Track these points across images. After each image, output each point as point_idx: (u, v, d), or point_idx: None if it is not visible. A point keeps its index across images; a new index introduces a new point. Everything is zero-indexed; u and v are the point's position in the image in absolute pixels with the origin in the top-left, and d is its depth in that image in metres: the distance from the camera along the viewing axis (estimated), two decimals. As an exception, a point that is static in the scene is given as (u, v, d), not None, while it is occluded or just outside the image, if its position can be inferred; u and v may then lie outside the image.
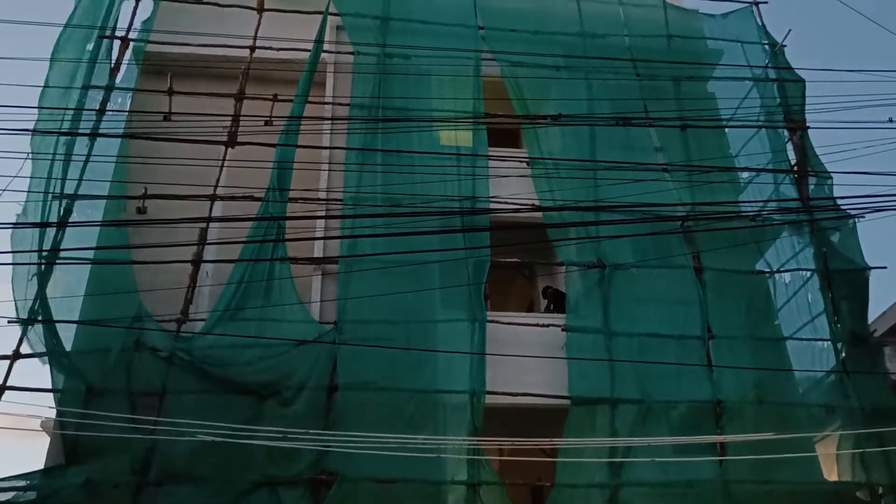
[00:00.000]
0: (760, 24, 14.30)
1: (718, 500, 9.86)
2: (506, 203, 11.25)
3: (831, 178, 12.16)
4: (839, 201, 11.51)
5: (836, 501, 10.22)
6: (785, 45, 13.82)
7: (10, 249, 9.86)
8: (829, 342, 11.33)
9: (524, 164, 12.34)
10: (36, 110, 11.04)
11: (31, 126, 10.57)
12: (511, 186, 11.58)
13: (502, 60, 13.13)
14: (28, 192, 10.50)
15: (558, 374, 10.53)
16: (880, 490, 10.27)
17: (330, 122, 12.11)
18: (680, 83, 13.49)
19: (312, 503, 9.24)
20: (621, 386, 10.44)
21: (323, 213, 11.23)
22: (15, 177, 9.65)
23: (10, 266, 10.13)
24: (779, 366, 11.20)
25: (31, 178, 10.64)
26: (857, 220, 11.28)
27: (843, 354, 11.14)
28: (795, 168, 12.55)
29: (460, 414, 9.98)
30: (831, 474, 10.54)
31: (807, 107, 12.98)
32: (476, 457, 9.67)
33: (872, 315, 11.76)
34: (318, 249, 11.19)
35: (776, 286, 12.15)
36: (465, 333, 10.55)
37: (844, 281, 11.60)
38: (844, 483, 10.35)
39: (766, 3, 14.57)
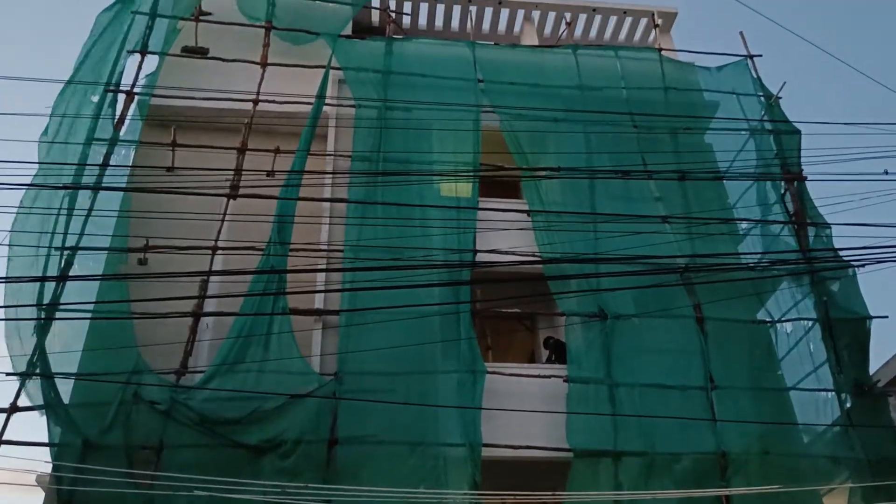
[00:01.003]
0: (756, 76, 14.55)
1: (725, 555, 9.69)
2: (506, 255, 11.27)
3: (830, 228, 12.23)
4: (840, 251, 11.56)
5: (845, 556, 10.04)
6: (780, 98, 14.04)
7: (9, 304, 9.84)
8: (833, 393, 11.25)
9: (524, 216, 12.41)
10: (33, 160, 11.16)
11: (29, 179, 10.67)
12: (511, 238, 11.63)
13: (502, 113, 13.33)
14: (20, 245, 10.54)
15: (561, 425, 10.43)
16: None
17: (332, 175, 12.21)
18: (677, 135, 13.68)
19: (312, 560, 9.06)
20: (624, 438, 10.33)
21: (324, 266, 11.25)
22: (12, 231, 9.68)
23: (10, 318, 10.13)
24: (783, 416, 11.10)
25: (24, 232, 10.70)
26: (857, 270, 11.29)
27: (848, 405, 11.04)
28: (794, 218, 12.61)
29: (461, 467, 9.86)
30: (838, 528, 10.37)
31: (803, 158, 13.13)
32: (477, 511, 9.53)
33: (875, 365, 11.72)
34: (318, 301, 11.20)
35: (778, 336, 12.10)
36: (465, 385, 10.47)
37: (846, 330, 11.58)
38: (852, 537, 10.18)
39: (760, 56, 14.85)
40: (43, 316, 9.83)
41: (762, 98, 14.22)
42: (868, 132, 10.95)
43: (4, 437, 9.17)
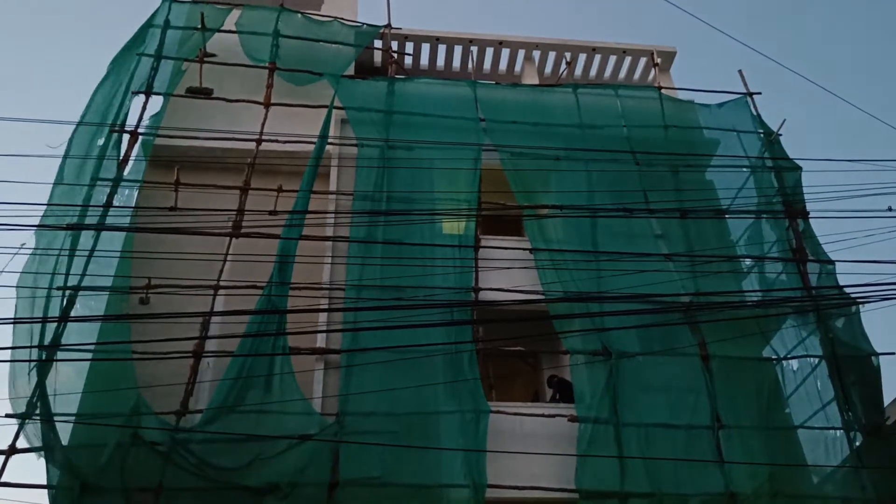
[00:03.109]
0: (755, 114, 14.64)
1: None
2: (509, 293, 11.23)
3: (833, 265, 12.19)
4: (845, 289, 11.52)
5: None
6: (780, 135, 14.11)
7: (10, 346, 9.81)
8: (842, 431, 11.10)
9: (527, 255, 12.38)
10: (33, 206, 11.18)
11: (32, 220, 10.68)
12: (514, 277, 11.60)
13: (503, 152, 13.39)
14: (23, 287, 10.53)
15: (566, 465, 10.27)
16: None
17: (334, 214, 12.23)
18: (678, 172, 13.71)
19: None
20: (631, 479, 10.17)
21: (326, 306, 11.21)
22: (8, 271, 9.68)
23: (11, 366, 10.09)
24: (791, 455, 10.95)
25: (22, 272, 10.70)
26: (862, 306, 11.22)
27: (857, 443, 10.89)
28: (797, 255, 12.58)
29: (465, 509, 9.70)
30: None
31: (806, 195, 13.14)
32: (483, 555, 9.34)
33: (885, 402, 11.56)
34: (320, 341, 11.13)
35: (784, 373, 11.98)
36: (469, 425, 10.36)
37: (853, 368, 11.47)
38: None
39: (759, 94, 14.97)
40: (43, 357, 9.77)
41: (762, 135, 14.30)
42: (870, 168, 10.99)
43: (3, 479, 9.07)
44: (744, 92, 14.99)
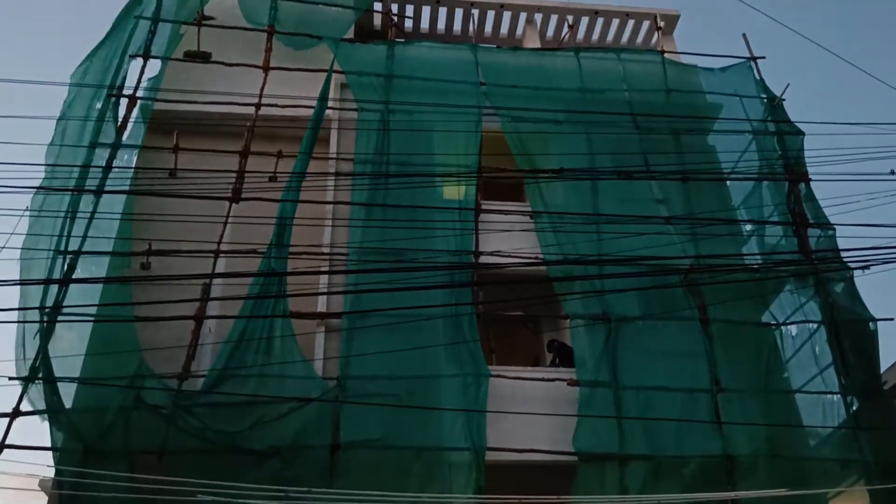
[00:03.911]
0: (759, 78, 14.51)
1: (732, 559, 9.61)
2: (510, 257, 11.23)
3: (834, 229, 12.17)
4: (844, 253, 11.52)
5: (852, 560, 9.96)
6: (784, 99, 14.00)
7: (13, 307, 9.82)
8: (840, 395, 11.18)
9: (528, 219, 12.37)
10: (34, 167, 11.14)
11: (33, 183, 10.67)
12: (515, 240, 11.60)
13: (504, 116, 13.30)
14: (25, 248, 10.52)
15: (565, 428, 10.36)
16: (896, 547, 10.00)
17: (334, 177, 12.19)
18: (680, 137, 13.63)
19: (315, 565, 9.00)
20: (630, 441, 10.26)
21: (326, 269, 11.22)
22: (12, 234, 9.66)
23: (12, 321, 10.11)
24: (789, 419, 11.04)
25: (28, 234, 10.68)
26: (863, 271, 11.22)
27: (855, 407, 10.97)
28: (797, 219, 12.55)
29: (465, 472, 9.79)
30: (846, 531, 10.29)
31: (808, 159, 13.08)
32: (482, 515, 9.45)
33: (882, 367, 11.63)
34: (321, 304, 11.16)
35: (783, 338, 12.04)
36: (469, 389, 10.42)
37: (851, 333, 11.51)
38: (860, 541, 10.10)
39: (763, 58, 14.81)
40: (45, 320, 9.80)
41: (765, 100, 14.18)
42: (873, 132, 10.91)
43: (7, 442, 9.15)
44: (747, 56, 14.84)
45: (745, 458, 10.27)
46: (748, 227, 13.09)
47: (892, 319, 11.67)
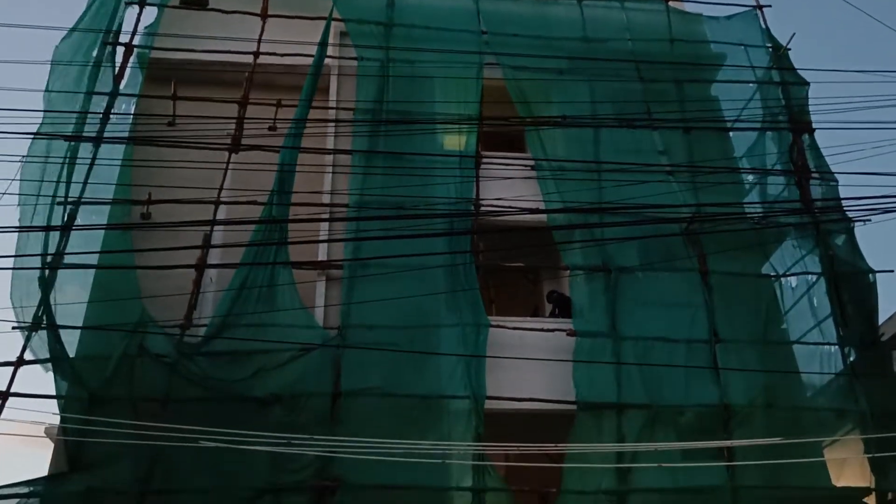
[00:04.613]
0: (764, 27, 14.27)
1: (726, 506, 9.76)
2: (511, 205, 11.19)
3: (836, 180, 12.11)
4: (844, 203, 11.47)
5: (845, 508, 10.12)
6: (789, 49, 13.79)
7: (13, 254, 9.82)
8: (837, 346, 11.24)
9: (529, 171, 12.30)
10: (34, 113, 11.05)
11: (30, 129, 10.57)
12: (515, 189, 11.55)
13: (505, 65, 13.12)
14: (25, 194, 10.48)
15: (564, 379, 10.45)
16: (889, 496, 10.15)
17: (334, 125, 12.09)
18: (683, 86, 13.47)
19: (317, 510, 9.18)
20: (628, 391, 10.36)
21: (327, 216, 11.21)
22: (14, 180, 9.60)
23: (13, 272, 10.13)
24: (787, 369, 11.10)
25: (23, 180, 10.63)
26: (864, 222, 11.20)
27: (852, 358, 11.04)
28: (798, 171, 12.47)
29: (464, 419, 9.91)
30: (839, 480, 10.43)
31: (813, 108, 12.94)
32: (481, 462, 9.59)
33: (880, 319, 11.68)
34: (321, 253, 11.16)
35: (783, 290, 12.06)
36: (469, 338, 10.49)
37: (851, 285, 11.53)
38: (853, 489, 10.25)
39: (769, 6, 14.55)
40: (47, 268, 9.82)
41: (770, 49, 13.97)
42: (880, 80, 10.76)
43: (12, 390, 9.25)
44: (753, 4, 14.57)
45: (742, 407, 10.38)
46: (750, 178, 13.01)
47: (891, 271, 11.69)
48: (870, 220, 11.26)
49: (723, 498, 9.76)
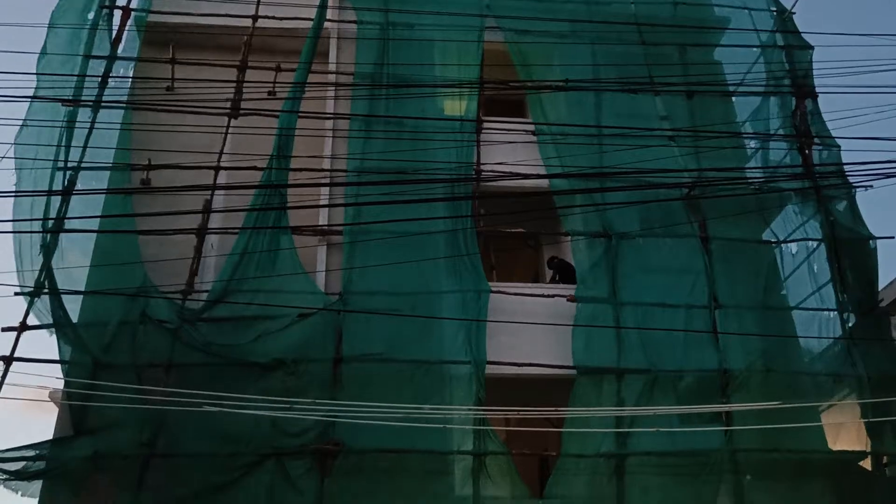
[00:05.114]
0: (769, -10, 14.06)
1: (724, 469, 9.87)
2: (511, 171, 11.14)
3: (838, 145, 12.04)
4: (846, 169, 11.42)
5: (841, 471, 10.24)
6: (794, 13, 13.61)
7: (14, 219, 9.81)
8: (836, 312, 11.28)
9: (530, 136, 12.21)
10: (31, 77, 10.94)
11: (27, 94, 10.48)
12: (517, 154, 11.50)
13: (507, 28, 12.98)
14: (22, 158, 10.42)
15: (564, 344, 10.52)
16: (885, 459, 10.28)
17: (334, 88, 12.00)
18: (686, 51, 13.33)
19: (319, 474, 9.28)
20: (628, 356, 10.43)
21: (327, 181, 11.18)
22: (13, 144, 9.54)
23: (15, 239, 10.12)
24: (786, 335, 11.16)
25: (19, 144, 10.56)
26: (866, 188, 11.17)
27: (851, 324, 11.09)
28: (801, 136, 12.39)
29: (465, 384, 10.00)
30: (836, 444, 10.55)
31: (816, 72, 12.82)
32: (482, 427, 9.69)
33: (880, 285, 11.71)
34: (322, 218, 11.15)
35: (783, 256, 12.07)
36: (469, 304, 10.53)
37: (851, 251, 11.54)
38: (849, 452, 10.37)
39: (774, -32, 14.31)
40: (49, 233, 9.82)
41: (774, 13, 13.79)
42: (886, 44, 10.65)
43: (16, 355, 9.31)
44: (758, -33, 14.33)
45: (740, 372, 10.45)
46: (752, 143, 12.94)
47: (892, 238, 11.69)
48: (871, 186, 11.30)
49: (720, 461, 9.87)
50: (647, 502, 9.70)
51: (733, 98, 13.30)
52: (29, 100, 10.52)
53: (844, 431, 10.71)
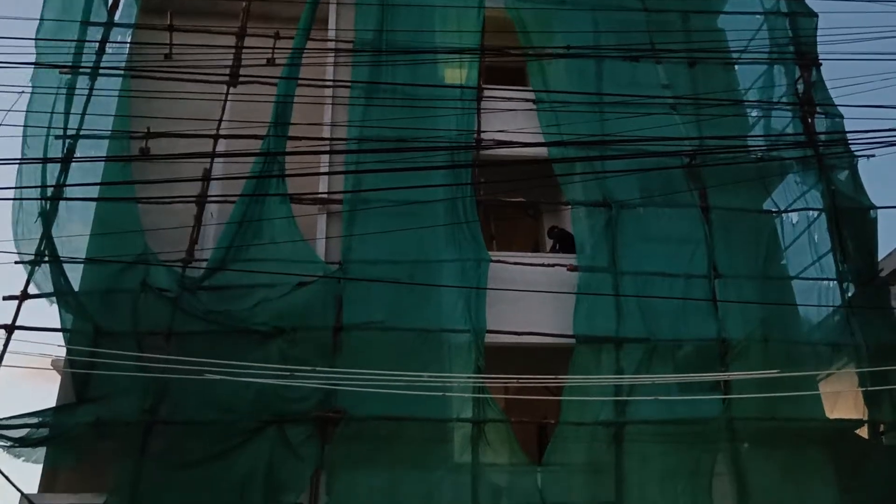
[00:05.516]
0: (773, -46, 13.85)
1: (722, 437, 9.95)
2: (512, 138, 11.09)
3: (841, 115, 11.95)
4: (848, 137, 11.35)
5: (838, 439, 10.31)
6: (798, -21, 13.42)
7: (14, 186, 9.78)
8: (836, 282, 11.28)
9: (531, 105, 12.12)
10: (28, 43, 10.84)
11: (23, 60, 10.37)
12: (517, 123, 11.43)
13: (508, -6, 12.84)
14: (19, 126, 10.38)
15: (564, 313, 10.54)
16: (881, 427, 10.35)
17: (333, 55, 11.90)
18: (688, 18, 13.18)
19: (319, 441, 9.36)
20: (627, 325, 10.45)
21: (327, 149, 11.13)
22: (10, 110, 9.47)
23: (14, 208, 10.10)
24: (785, 306, 11.17)
25: (14, 111, 10.50)
26: (868, 157, 11.11)
27: (850, 293, 11.10)
28: (803, 105, 12.29)
29: (464, 353, 10.04)
30: (833, 412, 10.61)
31: (821, 40, 12.69)
32: (481, 395, 9.75)
33: (880, 255, 11.71)
34: (322, 187, 11.12)
35: (783, 226, 12.04)
36: (469, 273, 10.54)
37: (852, 220, 11.51)
38: (846, 421, 10.43)
39: (779, -67, 14.07)
40: (48, 200, 9.80)
41: (778, -21, 13.59)
42: (891, 10, 10.51)
43: (18, 324, 9.35)
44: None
45: (739, 341, 10.48)
46: (754, 112, 12.85)
47: (893, 207, 11.67)
48: (873, 155, 11.25)
49: (718, 429, 9.94)
50: (646, 470, 9.76)
51: (736, 67, 13.19)
52: (26, 66, 10.43)
53: (842, 400, 10.77)
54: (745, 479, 9.74)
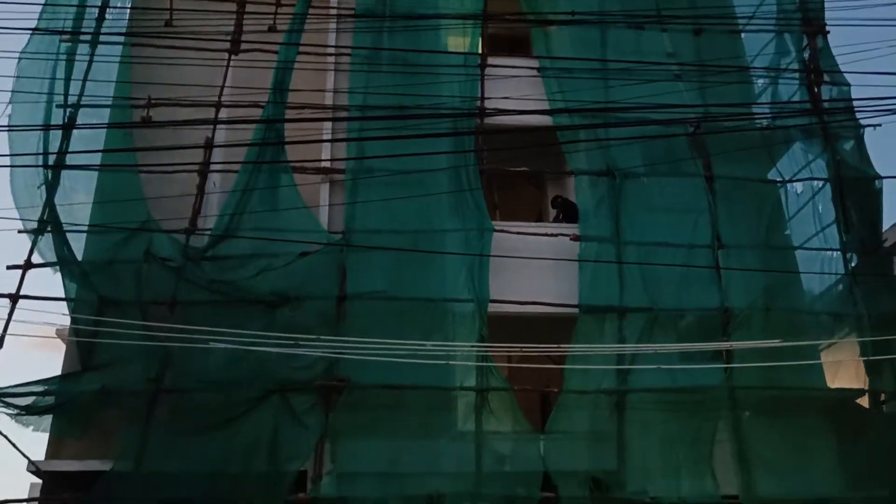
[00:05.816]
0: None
1: (723, 406, 9.99)
2: (515, 107, 11.01)
3: (848, 83, 11.83)
4: (855, 105, 11.24)
5: (840, 408, 10.36)
6: (805, -56, 13.20)
7: (16, 153, 9.73)
8: (839, 252, 11.27)
9: (535, 73, 12.03)
10: (28, 8, 10.71)
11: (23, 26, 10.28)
12: (521, 91, 11.33)
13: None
14: (18, 91, 10.28)
15: (567, 283, 10.56)
16: (882, 397, 10.40)
17: (335, 21, 11.76)
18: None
19: (323, 409, 9.42)
20: (630, 294, 10.46)
21: (329, 116, 11.05)
22: (8, 77, 9.39)
23: (17, 176, 10.06)
24: (788, 275, 11.16)
25: (15, 77, 10.40)
26: (875, 127, 11.02)
27: (853, 263, 11.08)
28: (810, 74, 12.17)
29: (468, 322, 10.07)
30: (834, 381, 10.66)
31: (827, 5, 12.51)
32: (484, 364, 9.79)
33: (884, 225, 11.67)
34: (325, 155, 11.07)
35: (787, 195, 11.99)
36: (473, 243, 10.53)
37: (856, 190, 11.45)
38: (848, 390, 10.48)
39: None
40: (49, 168, 9.77)
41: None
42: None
43: (22, 293, 9.37)
44: None
45: (741, 310, 10.48)
46: (760, 81, 12.73)
47: (897, 178, 11.57)
48: (880, 125, 11.15)
49: (719, 398, 9.99)
50: (647, 437, 9.84)
51: (742, 35, 13.04)
52: (25, 32, 10.35)
53: (843, 369, 10.81)
54: (746, 448, 9.80)
